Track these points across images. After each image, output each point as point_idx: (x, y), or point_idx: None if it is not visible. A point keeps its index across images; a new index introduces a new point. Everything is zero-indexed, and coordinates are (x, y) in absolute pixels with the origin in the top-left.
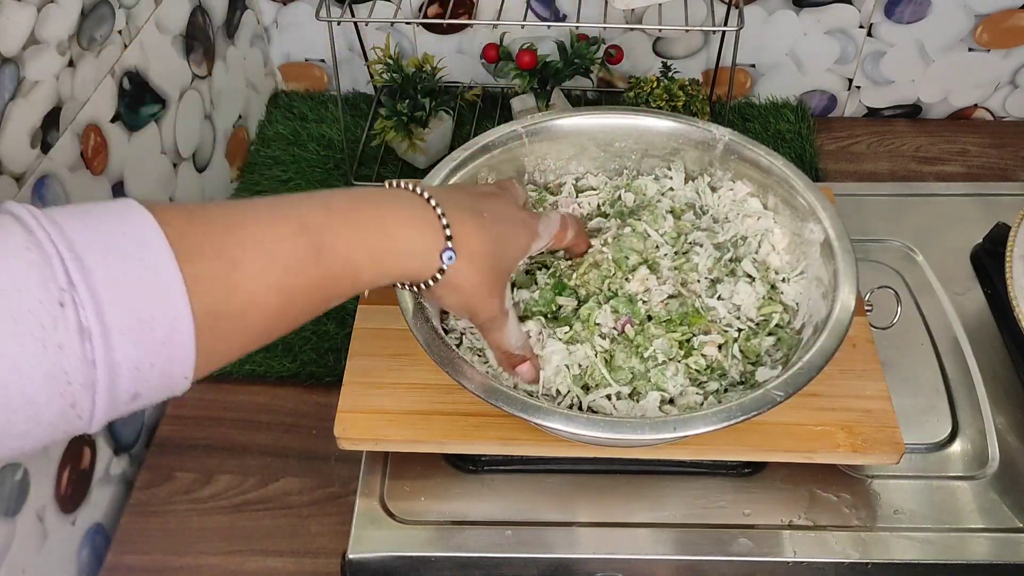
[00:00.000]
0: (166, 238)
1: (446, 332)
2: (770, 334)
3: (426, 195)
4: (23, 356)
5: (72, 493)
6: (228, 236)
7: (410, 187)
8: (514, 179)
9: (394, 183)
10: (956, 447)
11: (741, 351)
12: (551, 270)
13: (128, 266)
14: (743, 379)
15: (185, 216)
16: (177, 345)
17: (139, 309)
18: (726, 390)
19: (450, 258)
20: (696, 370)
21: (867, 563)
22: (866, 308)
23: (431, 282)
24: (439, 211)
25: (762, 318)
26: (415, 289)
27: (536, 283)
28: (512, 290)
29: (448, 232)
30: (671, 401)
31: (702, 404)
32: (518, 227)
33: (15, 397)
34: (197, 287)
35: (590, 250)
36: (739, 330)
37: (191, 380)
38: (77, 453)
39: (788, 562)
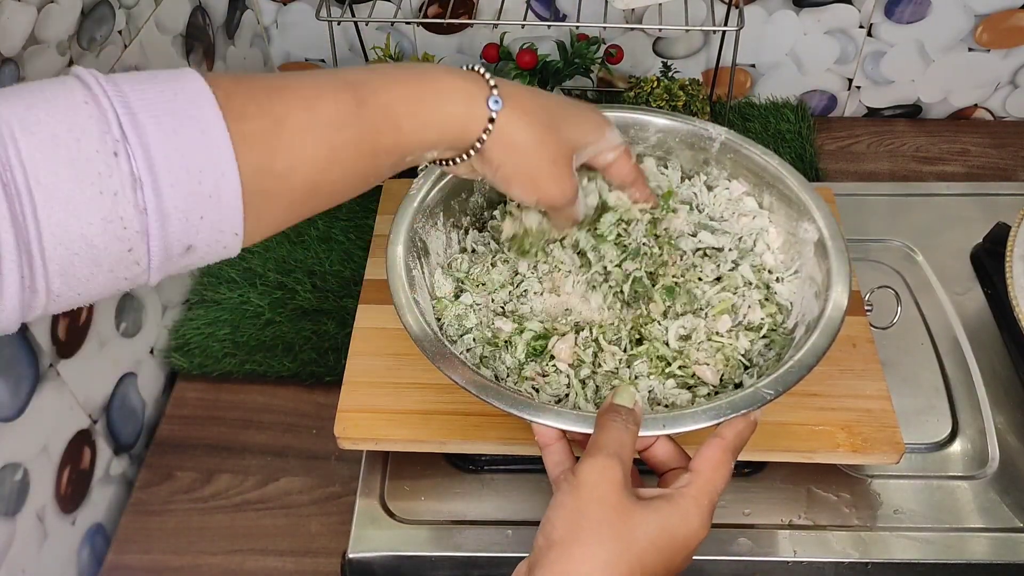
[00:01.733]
0: (215, 98)
1: (451, 342)
2: (763, 336)
3: (474, 67)
4: (82, 200)
5: (72, 493)
6: (273, 95)
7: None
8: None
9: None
10: (956, 447)
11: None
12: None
13: (178, 122)
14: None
15: (232, 79)
16: (225, 199)
17: (187, 162)
18: (716, 392)
19: (496, 102)
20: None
21: (867, 563)
22: (866, 308)
23: (484, 136)
24: (483, 71)
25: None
26: (468, 158)
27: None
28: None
29: (492, 83)
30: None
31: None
32: (585, 111)
33: (76, 239)
34: (243, 143)
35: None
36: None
37: (241, 238)
38: (77, 453)
39: (788, 561)
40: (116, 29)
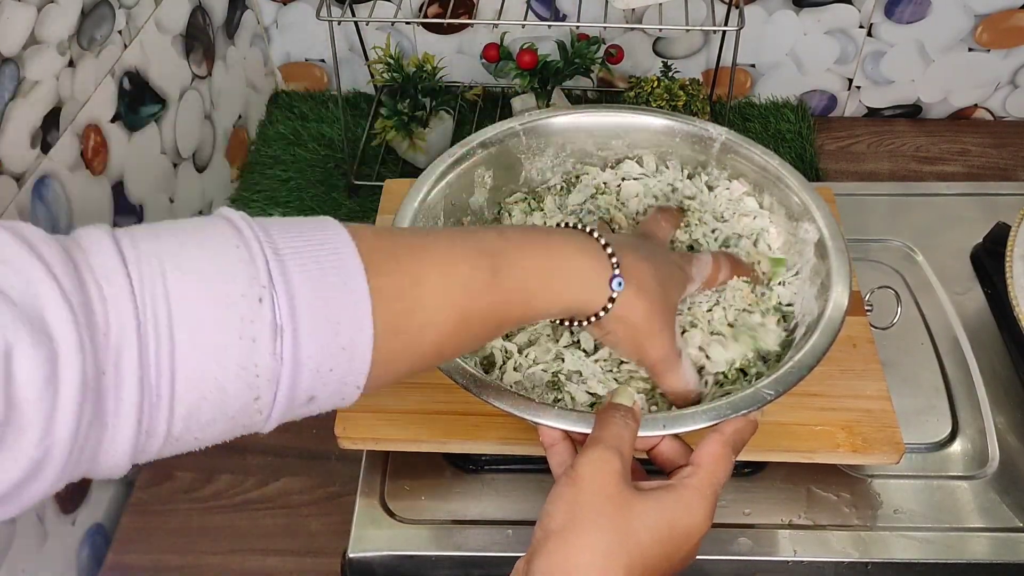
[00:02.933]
0: (359, 252)
1: None
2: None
3: (588, 229)
4: (222, 345)
5: (72, 493)
6: (413, 255)
7: (568, 223)
8: (660, 216)
9: (561, 224)
10: (956, 447)
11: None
12: None
13: (323, 271)
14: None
15: (374, 233)
16: (357, 353)
17: (328, 313)
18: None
19: (619, 284)
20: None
21: (867, 562)
22: (866, 308)
23: (602, 312)
24: (603, 242)
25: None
26: (583, 324)
27: None
28: None
29: (615, 260)
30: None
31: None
32: (674, 266)
33: (208, 383)
34: (381, 300)
35: None
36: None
37: (362, 391)
38: None
39: (788, 561)
40: (116, 29)
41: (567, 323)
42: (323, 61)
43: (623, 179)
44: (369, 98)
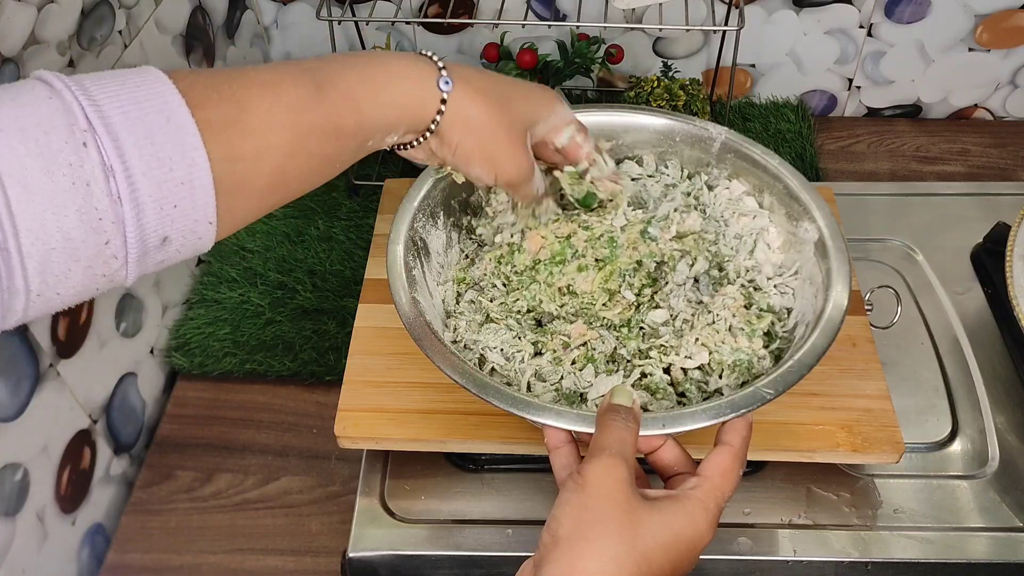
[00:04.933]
0: (177, 88)
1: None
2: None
3: (424, 52)
4: (56, 192)
5: (72, 493)
6: (233, 82)
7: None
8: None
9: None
10: (956, 446)
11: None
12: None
13: (143, 111)
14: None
15: (190, 72)
16: (197, 187)
17: (157, 150)
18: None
19: (446, 83)
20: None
21: (867, 562)
22: (866, 308)
23: (438, 117)
24: (433, 55)
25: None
26: (424, 140)
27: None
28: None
29: (441, 64)
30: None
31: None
32: (535, 88)
33: (52, 232)
34: (209, 130)
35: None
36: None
37: (215, 228)
38: (77, 453)
39: (788, 561)
40: (116, 29)
41: (410, 147)
42: None
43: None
44: None
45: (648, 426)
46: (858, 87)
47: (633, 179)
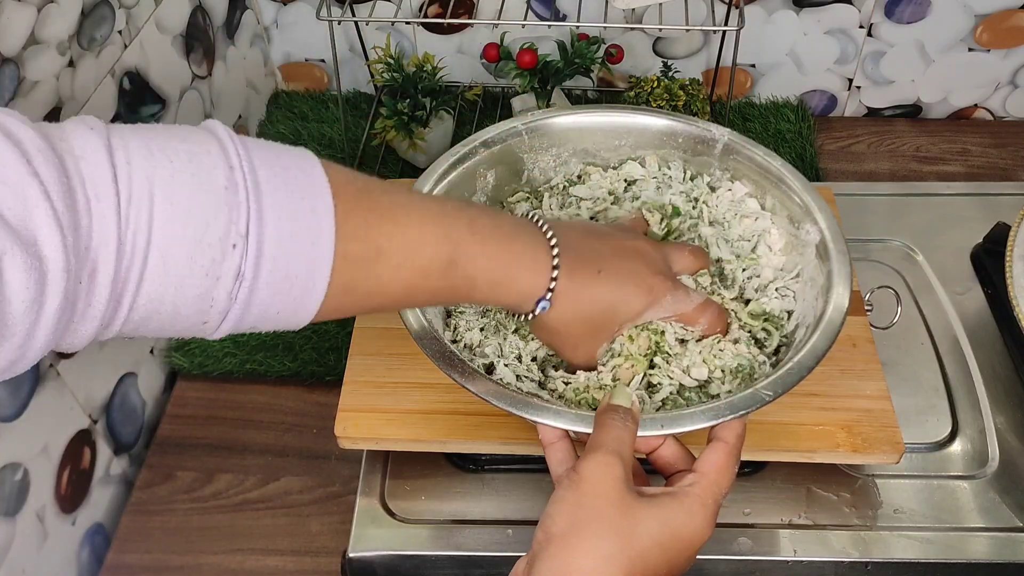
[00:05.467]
0: (334, 215)
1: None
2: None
3: (552, 240)
4: (188, 277)
5: (72, 493)
6: (384, 225)
7: (543, 226)
8: (688, 249)
9: (534, 217)
10: (956, 447)
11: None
12: None
13: (296, 228)
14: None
15: (356, 193)
16: (305, 305)
17: (289, 268)
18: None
19: (543, 308)
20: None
21: (867, 562)
22: (866, 308)
23: (527, 316)
24: (555, 262)
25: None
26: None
27: None
28: None
29: (552, 285)
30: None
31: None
32: (639, 290)
33: (166, 305)
34: (341, 265)
35: None
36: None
37: (298, 328)
38: (77, 453)
39: (788, 561)
40: (116, 29)
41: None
42: (323, 61)
43: (625, 180)
44: (369, 98)
45: (647, 427)
46: (858, 87)
47: (634, 180)
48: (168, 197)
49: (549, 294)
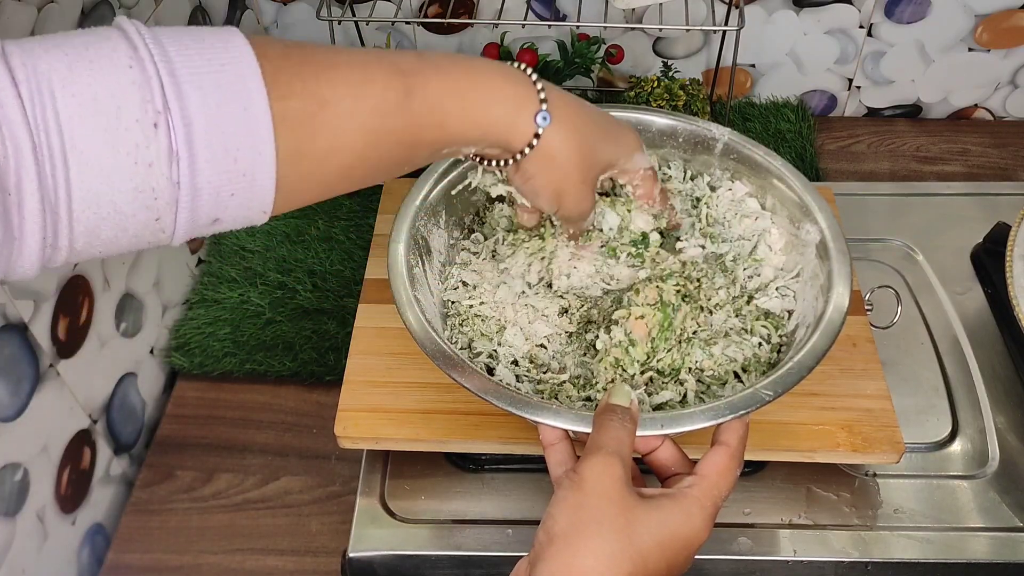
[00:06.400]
0: (261, 73)
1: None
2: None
3: (524, 67)
4: (115, 168)
5: (72, 493)
6: (321, 74)
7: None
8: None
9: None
10: (956, 446)
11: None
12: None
13: (221, 96)
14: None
15: (282, 51)
16: (258, 179)
17: (226, 139)
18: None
19: (544, 119)
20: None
21: (867, 562)
22: (866, 308)
23: (526, 150)
24: (534, 78)
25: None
26: (503, 164)
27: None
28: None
29: (543, 95)
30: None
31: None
32: (622, 132)
33: (104, 205)
34: (284, 125)
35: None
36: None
37: (269, 214)
38: (77, 453)
39: (788, 561)
40: None
41: (486, 163)
42: None
43: None
44: None
45: (646, 426)
46: (858, 87)
47: None
48: (68, 88)
49: (545, 105)
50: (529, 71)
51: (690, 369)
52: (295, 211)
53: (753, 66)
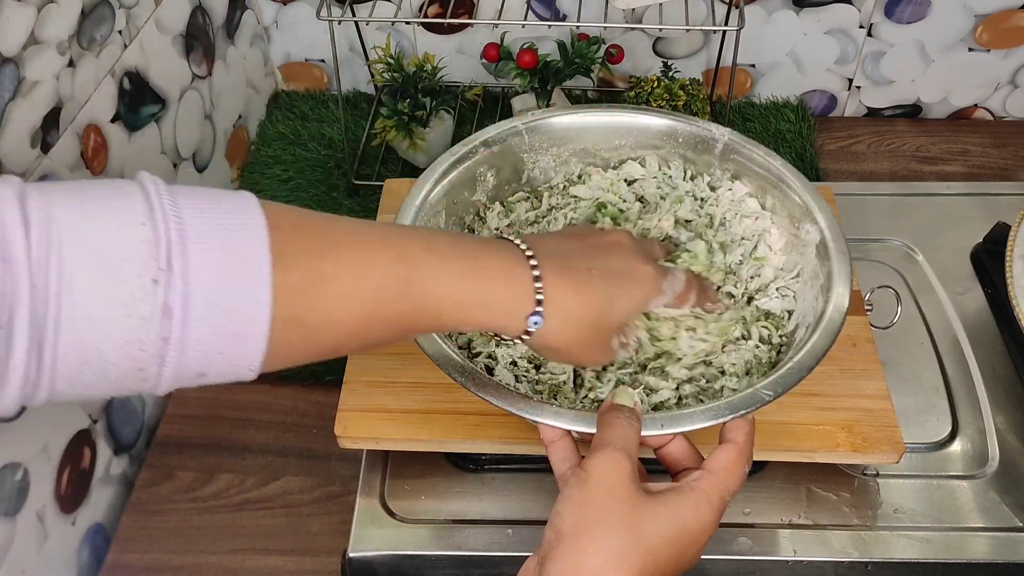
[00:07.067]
0: (270, 243)
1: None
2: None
3: (528, 252)
4: (107, 319)
5: (72, 493)
6: (326, 252)
7: (516, 241)
8: (655, 239)
9: (508, 238)
10: (956, 446)
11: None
12: None
13: (225, 260)
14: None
15: (293, 223)
16: (249, 341)
17: (223, 301)
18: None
19: (536, 323)
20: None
21: (867, 562)
22: (866, 308)
23: (521, 338)
24: (536, 272)
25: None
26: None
27: None
28: None
29: (539, 296)
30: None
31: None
32: (635, 282)
33: (90, 351)
34: (283, 294)
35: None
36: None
37: (256, 373)
38: (77, 453)
39: (788, 561)
40: (116, 29)
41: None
42: (323, 61)
43: (625, 180)
44: (369, 98)
45: (647, 426)
46: (858, 87)
47: (635, 180)
48: (79, 237)
49: (539, 307)
50: (533, 262)
51: (678, 360)
52: None
53: (753, 66)
